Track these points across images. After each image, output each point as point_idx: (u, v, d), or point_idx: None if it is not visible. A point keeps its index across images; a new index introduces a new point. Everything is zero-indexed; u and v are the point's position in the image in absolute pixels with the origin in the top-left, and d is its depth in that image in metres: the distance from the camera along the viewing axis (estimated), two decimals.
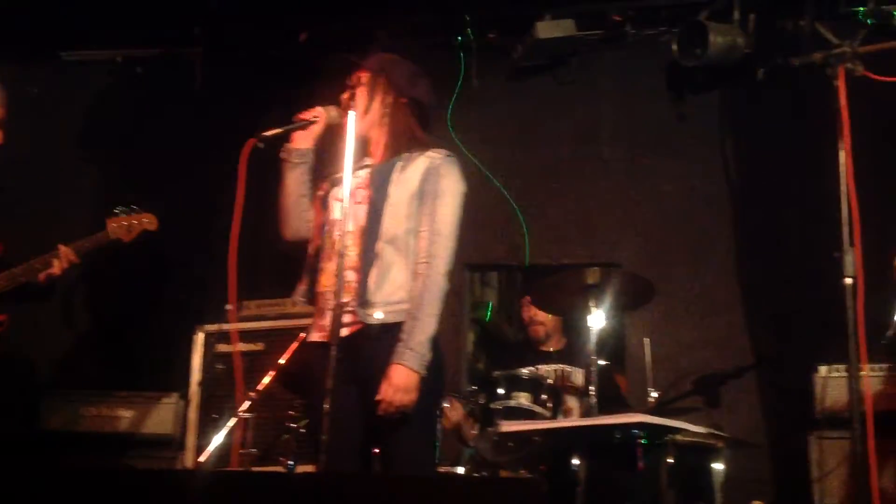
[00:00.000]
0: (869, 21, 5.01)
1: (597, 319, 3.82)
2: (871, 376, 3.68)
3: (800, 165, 4.90)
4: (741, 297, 4.99)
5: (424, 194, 3.04)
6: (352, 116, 2.93)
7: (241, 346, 4.84)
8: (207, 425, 4.59)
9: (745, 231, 5.09)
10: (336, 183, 3.12)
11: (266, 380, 4.04)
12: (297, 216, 3.17)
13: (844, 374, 4.00)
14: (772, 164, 5.03)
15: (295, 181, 3.15)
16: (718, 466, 3.06)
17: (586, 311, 3.87)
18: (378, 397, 2.87)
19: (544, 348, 4.86)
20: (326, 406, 2.69)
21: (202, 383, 4.85)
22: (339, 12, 5.37)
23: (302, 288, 3.16)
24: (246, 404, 4.01)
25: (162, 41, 5.67)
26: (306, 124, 3.13)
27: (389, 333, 2.94)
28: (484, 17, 5.37)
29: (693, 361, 4.82)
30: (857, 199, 2.46)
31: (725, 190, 5.18)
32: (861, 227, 2.56)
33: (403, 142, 3.12)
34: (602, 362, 3.85)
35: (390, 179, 3.05)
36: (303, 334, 4.28)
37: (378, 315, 2.93)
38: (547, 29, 5.16)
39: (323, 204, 3.16)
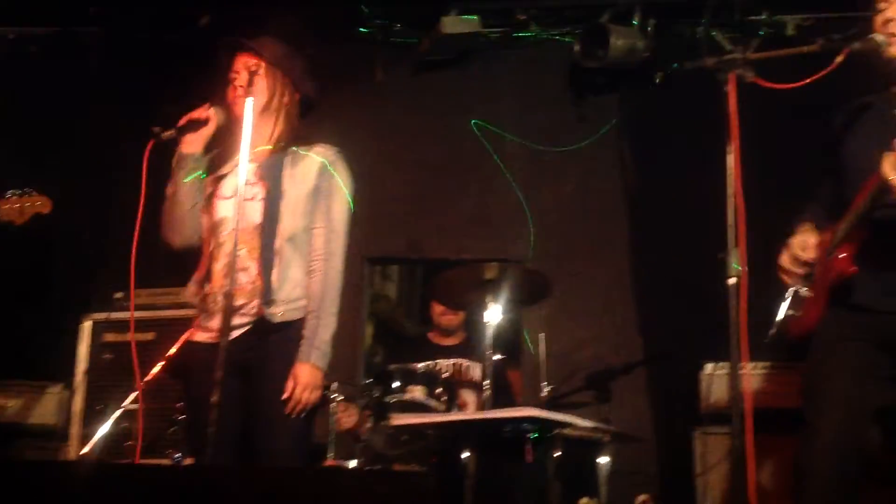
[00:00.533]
0: (763, 29, 5.22)
1: (493, 314, 3.84)
2: (753, 374, 3.83)
3: (693, 167, 5.03)
4: (636, 294, 5.10)
5: (319, 191, 3.02)
6: (249, 102, 2.85)
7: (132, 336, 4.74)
8: (93, 416, 4.47)
9: (640, 230, 5.20)
10: (220, 181, 3.05)
11: (155, 370, 3.96)
12: (191, 225, 3.06)
13: (727, 371, 4.16)
14: (666, 165, 5.15)
15: (190, 188, 3.02)
16: (604, 460, 3.12)
17: (484, 305, 3.90)
18: (285, 396, 2.86)
19: (445, 343, 4.88)
20: (215, 399, 2.65)
21: (88, 373, 4.73)
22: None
23: (192, 289, 3.08)
24: (133, 395, 3.94)
25: (57, 20, 5.49)
26: (198, 125, 3.01)
27: (283, 331, 2.93)
28: (389, 10, 5.35)
29: (587, 357, 4.91)
30: (744, 202, 2.53)
31: (622, 189, 5.28)
32: (747, 229, 2.62)
33: (288, 137, 3.07)
34: (497, 357, 3.86)
35: (282, 176, 3.00)
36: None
37: (279, 314, 2.91)
38: (453, 24, 5.17)
39: (207, 205, 3.06)
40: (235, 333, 2.89)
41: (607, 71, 5.19)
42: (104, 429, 3.95)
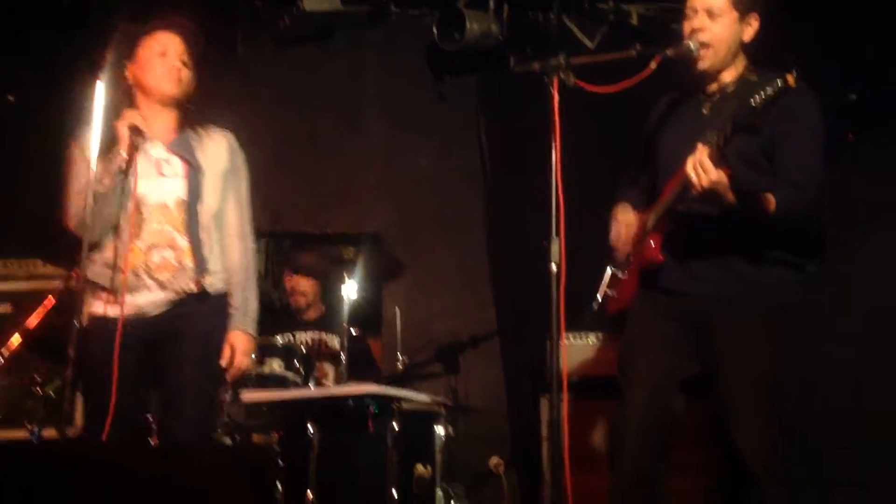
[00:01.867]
0: (610, 17, 5.51)
1: (350, 289, 4.03)
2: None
3: (541, 150, 5.30)
4: (488, 270, 5.36)
5: (233, 170, 3.16)
6: (100, 87, 2.87)
7: None
8: None
9: (493, 208, 5.44)
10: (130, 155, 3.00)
11: (14, 342, 3.99)
12: (109, 216, 3.00)
13: (575, 340, 4.47)
14: (517, 147, 5.39)
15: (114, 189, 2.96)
16: (440, 430, 3.35)
17: (341, 280, 4.08)
18: (225, 364, 3.01)
19: (304, 317, 5.03)
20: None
21: None
22: None
23: (95, 267, 3.00)
24: None
25: None
26: (126, 160, 2.96)
27: (211, 302, 3.04)
28: None
29: (442, 330, 5.14)
30: (567, 192, 2.76)
31: (478, 168, 5.51)
32: (575, 216, 2.87)
33: (191, 115, 3.14)
34: (354, 331, 4.06)
35: (195, 154, 3.08)
36: (51, 297, 4.25)
37: (216, 284, 3.03)
38: (314, 2, 5.28)
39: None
40: (157, 310, 2.99)
41: (464, 53, 5.39)
42: None
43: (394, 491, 3.12)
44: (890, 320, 4.00)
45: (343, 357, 3.94)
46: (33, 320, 4.05)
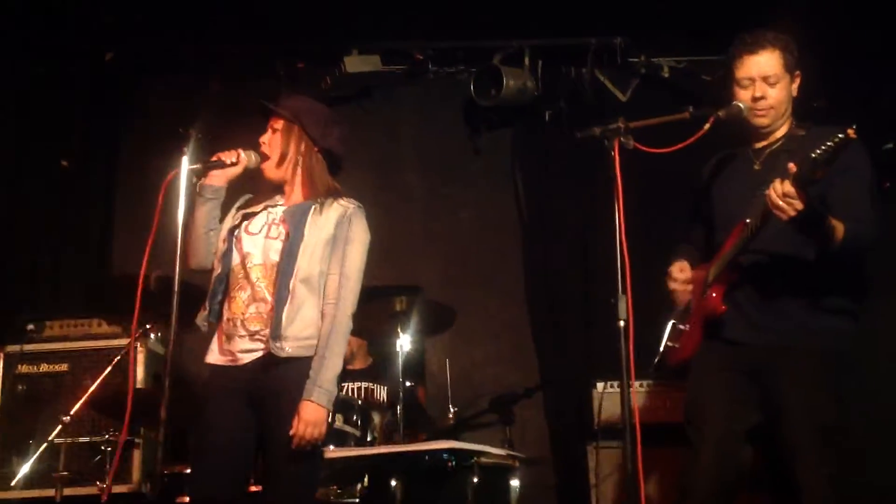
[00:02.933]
0: (642, 70, 5.67)
1: (404, 342, 4.14)
2: (640, 391, 4.23)
3: (577, 199, 5.46)
4: (528, 319, 5.47)
5: (336, 240, 3.22)
6: (184, 162, 3.06)
7: (45, 367, 4.84)
8: (10, 451, 4.55)
9: (531, 259, 5.56)
10: (249, 217, 3.27)
11: (78, 405, 4.12)
12: (204, 248, 3.26)
13: (618, 389, 4.56)
14: (552, 198, 5.54)
15: (205, 215, 3.22)
16: (515, 482, 3.44)
17: (393, 334, 4.19)
18: (291, 432, 3.03)
19: (350, 367, 5.13)
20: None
21: (3, 407, 4.78)
22: (145, 34, 5.45)
23: (203, 313, 3.24)
24: (58, 428, 4.08)
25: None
26: (225, 165, 3.21)
27: (293, 366, 3.12)
28: (293, 49, 5.58)
29: (485, 378, 5.26)
30: (629, 250, 2.87)
31: (516, 219, 5.65)
32: (632, 272, 2.96)
33: (317, 188, 3.28)
34: (409, 383, 4.16)
35: (306, 221, 3.20)
36: (117, 357, 4.38)
37: (288, 349, 3.10)
38: (355, 63, 5.47)
39: (231, 235, 3.26)
40: (249, 358, 3.13)
41: (500, 108, 5.55)
42: (28, 463, 4.06)
43: None
44: None
45: (399, 409, 4.03)
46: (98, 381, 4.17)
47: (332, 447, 3.45)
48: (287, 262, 3.15)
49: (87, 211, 5.60)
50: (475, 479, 3.31)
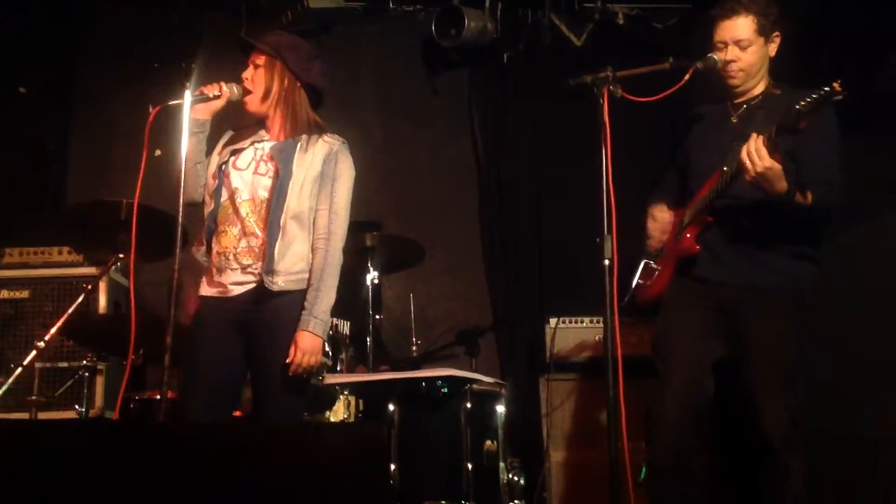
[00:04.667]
0: (596, 16, 5.81)
1: (373, 277, 4.27)
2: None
3: (531, 143, 5.61)
4: (482, 257, 5.64)
5: (324, 177, 3.31)
6: (186, 95, 3.10)
7: (5, 294, 4.85)
8: None
9: (486, 199, 5.71)
10: (236, 153, 3.33)
11: (53, 330, 4.14)
12: (192, 182, 3.31)
13: (571, 325, 4.77)
14: (509, 138, 5.68)
15: (192, 149, 3.25)
16: (501, 408, 3.63)
17: (363, 269, 4.31)
18: (288, 360, 3.16)
19: None
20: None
21: None
22: None
23: (202, 249, 3.32)
24: (32, 354, 4.10)
25: None
26: (209, 98, 3.25)
27: (285, 299, 3.23)
28: None
29: (439, 313, 5.42)
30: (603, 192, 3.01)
31: (471, 160, 5.78)
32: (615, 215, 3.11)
33: (301, 124, 3.34)
34: (378, 316, 4.30)
35: (293, 159, 3.27)
36: (90, 287, 4.42)
37: (281, 283, 3.20)
38: None
39: (220, 171, 3.33)
40: (240, 290, 3.23)
41: (458, 48, 5.64)
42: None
43: (468, 464, 3.41)
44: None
45: (369, 342, 4.18)
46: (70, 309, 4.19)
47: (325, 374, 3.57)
48: (277, 199, 3.24)
49: (42, 139, 5.53)
50: (468, 405, 3.48)
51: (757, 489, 3.26)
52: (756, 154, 3.01)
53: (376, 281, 4.36)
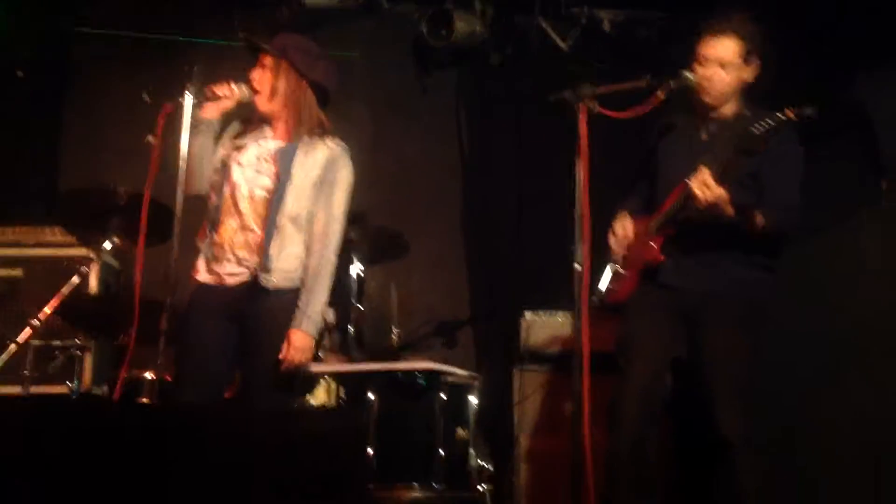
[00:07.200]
0: (583, 21, 5.98)
1: (358, 269, 4.45)
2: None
3: (514, 144, 5.79)
4: (463, 252, 5.83)
5: (324, 182, 3.46)
6: (188, 98, 3.26)
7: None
8: None
9: (469, 196, 5.91)
10: (240, 148, 3.47)
11: (48, 309, 4.29)
12: (198, 177, 3.45)
13: (545, 317, 4.95)
14: (493, 140, 5.86)
15: (199, 146, 3.39)
16: (473, 399, 3.85)
17: (347, 260, 4.49)
18: (280, 356, 3.33)
19: None
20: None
21: None
22: None
23: (207, 240, 3.48)
24: (27, 330, 4.26)
25: None
26: (219, 98, 3.39)
27: (279, 296, 3.39)
28: None
29: (419, 305, 5.60)
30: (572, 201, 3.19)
31: (457, 157, 5.96)
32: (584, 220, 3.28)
33: (306, 123, 3.48)
34: (360, 306, 4.49)
35: (294, 162, 3.42)
36: (85, 268, 4.56)
37: (275, 281, 3.37)
38: None
39: (223, 164, 3.48)
40: (235, 281, 3.39)
41: (449, 49, 5.81)
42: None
43: (441, 450, 3.63)
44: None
45: (352, 330, 4.37)
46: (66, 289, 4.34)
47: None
48: (276, 199, 3.39)
49: (37, 122, 5.66)
50: (442, 395, 3.69)
51: (710, 479, 3.47)
52: (705, 185, 3.21)
53: (360, 272, 4.53)
